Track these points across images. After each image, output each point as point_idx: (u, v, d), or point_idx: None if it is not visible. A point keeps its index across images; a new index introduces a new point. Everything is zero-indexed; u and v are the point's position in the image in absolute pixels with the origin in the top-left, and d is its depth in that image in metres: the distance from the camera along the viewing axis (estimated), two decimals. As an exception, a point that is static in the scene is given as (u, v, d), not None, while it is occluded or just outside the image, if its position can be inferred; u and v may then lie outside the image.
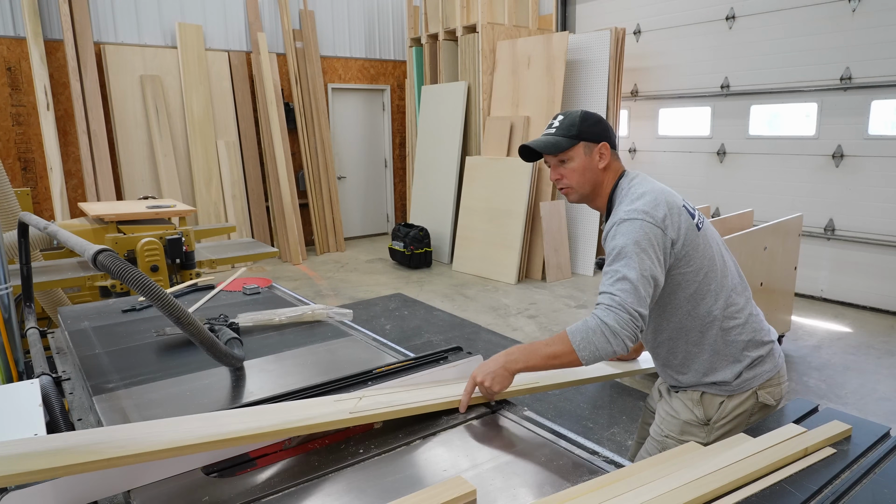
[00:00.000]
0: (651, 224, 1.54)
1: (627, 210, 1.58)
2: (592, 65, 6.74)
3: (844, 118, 5.57)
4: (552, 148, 1.68)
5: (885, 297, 5.50)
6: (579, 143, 1.68)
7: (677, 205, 1.62)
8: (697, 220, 1.65)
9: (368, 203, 9.64)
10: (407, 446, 1.34)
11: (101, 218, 3.78)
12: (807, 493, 1.11)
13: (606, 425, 3.52)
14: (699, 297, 1.63)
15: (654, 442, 1.80)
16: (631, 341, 1.46)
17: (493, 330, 5.25)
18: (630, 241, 1.52)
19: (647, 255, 1.51)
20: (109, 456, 1.07)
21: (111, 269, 1.44)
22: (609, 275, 1.53)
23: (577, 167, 1.69)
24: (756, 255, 4.08)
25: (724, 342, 1.66)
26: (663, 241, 1.55)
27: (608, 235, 1.61)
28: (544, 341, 1.53)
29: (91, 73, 6.68)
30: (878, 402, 3.79)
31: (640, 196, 1.60)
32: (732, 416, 1.68)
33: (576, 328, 1.49)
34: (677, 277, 1.61)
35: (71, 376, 1.81)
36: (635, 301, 1.47)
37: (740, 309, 1.67)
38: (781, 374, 1.75)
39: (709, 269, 1.63)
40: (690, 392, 1.73)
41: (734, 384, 1.67)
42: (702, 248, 1.63)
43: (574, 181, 1.71)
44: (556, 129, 1.70)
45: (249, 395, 1.61)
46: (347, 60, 8.91)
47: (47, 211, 6.73)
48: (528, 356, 1.51)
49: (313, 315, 2.24)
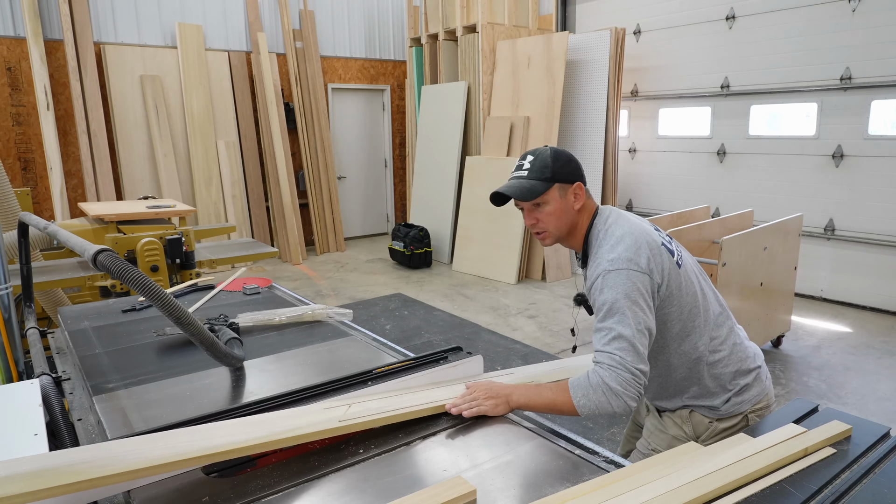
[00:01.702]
0: (637, 272, 1.51)
1: (611, 259, 1.54)
2: (592, 65, 6.74)
3: (844, 118, 5.57)
4: (528, 194, 1.60)
5: (885, 297, 5.50)
6: (553, 185, 1.60)
7: (657, 244, 1.59)
8: (677, 258, 1.63)
9: (368, 203, 9.64)
10: (407, 446, 1.34)
11: (101, 218, 3.78)
12: (807, 493, 1.11)
13: (606, 425, 3.52)
14: (684, 334, 1.63)
15: (641, 456, 1.80)
16: (634, 400, 1.45)
17: (493, 330, 5.25)
18: (620, 295, 1.48)
19: (639, 307, 1.49)
20: (92, 476, 1.04)
21: (111, 269, 1.44)
22: (603, 332, 1.50)
23: (554, 210, 1.62)
24: (756, 255, 4.08)
25: (710, 376, 1.66)
26: (651, 287, 1.53)
27: (594, 287, 1.57)
28: (549, 386, 1.53)
29: (91, 73, 6.69)
30: (878, 402, 3.78)
31: (620, 240, 1.56)
32: (722, 436, 1.68)
33: (577, 382, 1.48)
34: (662, 318, 1.60)
35: (71, 376, 1.81)
36: (635, 359, 1.45)
37: (723, 341, 1.67)
38: (770, 397, 1.75)
39: (692, 305, 1.62)
40: (680, 410, 1.74)
41: (723, 409, 1.68)
42: (684, 286, 1.61)
43: (551, 225, 1.64)
44: (528, 171, 1.62)
45: (249, 394, 1.61)
46: (347, 60, 8.91)
47: (47, 211, 6.73)
48: (533, 397, 1.50)
49: (313, 315, 2.23)
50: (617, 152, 7.07)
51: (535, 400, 1.50)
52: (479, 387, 1.51)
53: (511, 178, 1.66)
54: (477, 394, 1.48)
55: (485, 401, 1.46)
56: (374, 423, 1.36)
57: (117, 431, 1.39)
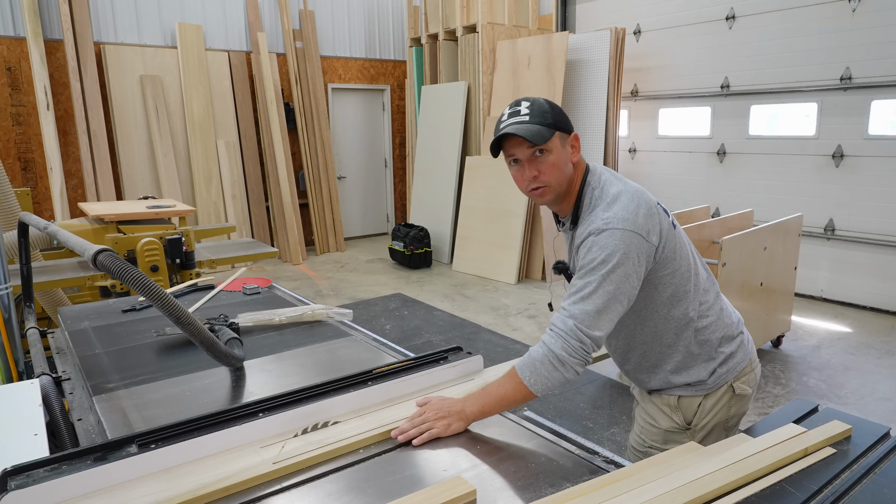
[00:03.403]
0: (632, 233, 1.41)
1: (605, 218, 1.43)
2: (592, 65, 6.74)
3: (844, 118, 5.57)
4: (538, 137, 1.43)
5: (885, 297, 5.50)
6: (555, 133, 1.47)
7: (654, 203, 1.50)
8: (671, 219, 1.55)
9: (368, 203, 9.64)
10: (407, 446, 1.34)
11: (101, 218, 3.78)
12: (807, 493, 1.11)
13: (606, 425, 3.52)
14: (675, 299, 1.56)
15: (639, 453, 1.75)
16: (581, 366, 1.41)
17: (493, 330, 5.25)
18: (609, 255, 1.39)
19: (625, 271, 1.40)
20: None
21: (111, 269, 1.44)
22: (574, 289, 1.42)
23: (556, 161, 1.47)
24: (756, 255, 4.08)
25: (697, 342, 1.60)
26: (646, 251, 1.44)
27: (582, 246, 1.45)
28: (495, 382, 1.45)
29: (91, 73, 6.68)
30: (878, 402, 3.78)
31: (616, 198, 1.46)
32: (712, 413, 1.65)
33: (523, 363, 1.43)
34: (654, 281, 1.51)
35: (71, 376, 1.81)
36: (592, 323, 1.39)
37: (710, 306, 1.61)
38: (753, 361, 1.71)
39: (685, 269, 1.55)
40: (666, 397, 1.68)
41: (709, 382, 1.63)
42: (679, 248, 1.53)
43: (553, 177, 1.49)
44: (528, 115, 1.45)
45: (249, 395, 1.61)
46: (347, 60, 8.91)
47: (47, 211, 6.73)
48: (482, 399, 1.42)
49: (313, 315, 2.23)
50: (617, 152, 7.07)
51: (488, 402, 1.42)
52: (430, 406, 1.41)
53: (509, 124, 1.46)
54: (427, 415, 1.38)
55: (436, 422, 1.36)
56: (315, 460, 1.26)
57: (117, 431, 1.39)
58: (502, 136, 1.48)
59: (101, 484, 1.14)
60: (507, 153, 1.52)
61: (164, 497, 1.11)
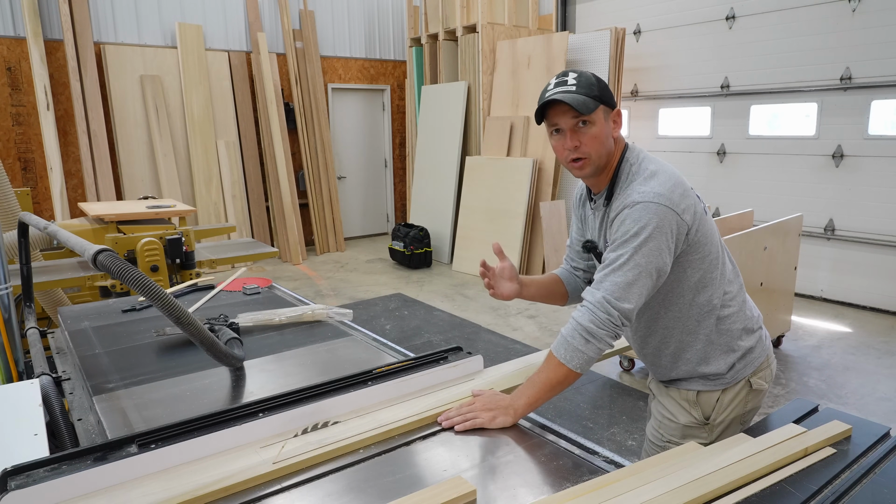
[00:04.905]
0: (667, 208, 1.41)
1: (642, 191, 1.44)
2: (592, 65, 6.74)
3: (844, 118, 5.57)
4: (584, 107, 1.43)
5: (885, 297, 5.50)
6: (600, 105, 1.47)
7: (689, 187, 1.52)
8: (704, 206, 1.57)
9: (368, 203, 9.64)
10: (407, 446, 1.34)
11: (101, 218, 3.78)
12: (807, 493, 1.11)
13: (606, 425, 3.52)
14: (702, 285, 1.56)
15: (656, 448, 1.76)
16: (611, 339, 1.42)
17: (493, 330, 5.25)
18: (640, 227, 1.40)
19: (657, 244, 1.40)
20: None
21: (111, 269, 1.43)
22: (607, 262, 1.44)
23: (598, 133, 1.48)
24: (756, 255, 4.08)
25: (717, 332, 1.60)
26: (678, 228, 1.44)
27: (616, 219, 1.46)
28: (536, 371, 1.47)
29: (91, 73, 6.69)
30: (878, 402, 3.79)
31: (653, 175, 1.47)
32: (731, 407, 1.66)
33: (557, 343, 1.45)
34: (684, 264, 1.52)
35: (71, 376, 1.81)
36: (622, 295, 1.40)
37: (734, 297, 1.62)
38: (770, 357, 1.73)
39: (714, 256, 1.55)
40: (684, 392, 1.69)
41: (728, 376, 1.64)
42: (710, 234, 1.54)
43: (594, 150, 1.49)
44: (575, 86, 1.45)
45: (249, 395, 1.61)
46: (347, 60, 8.91)
47: (47, 211, 6.73)
48: (528, 390, 1.43)
49: (313, 315, 2.23)
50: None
51: (533, 391, 1.43)
52: (481, 398, 1.44)
53: (556, 92, 1.46)
54: (476, 405, 1.41)
55: (482, 412, 1.39)
56: (317, 459, 1.25)
57: (117, 431, 1.39)
58: (547, 104, 1.48)
59: (101, 484, 1.14)
60: (550, 122, 1.51)
61: (164, 497, 1.11)
